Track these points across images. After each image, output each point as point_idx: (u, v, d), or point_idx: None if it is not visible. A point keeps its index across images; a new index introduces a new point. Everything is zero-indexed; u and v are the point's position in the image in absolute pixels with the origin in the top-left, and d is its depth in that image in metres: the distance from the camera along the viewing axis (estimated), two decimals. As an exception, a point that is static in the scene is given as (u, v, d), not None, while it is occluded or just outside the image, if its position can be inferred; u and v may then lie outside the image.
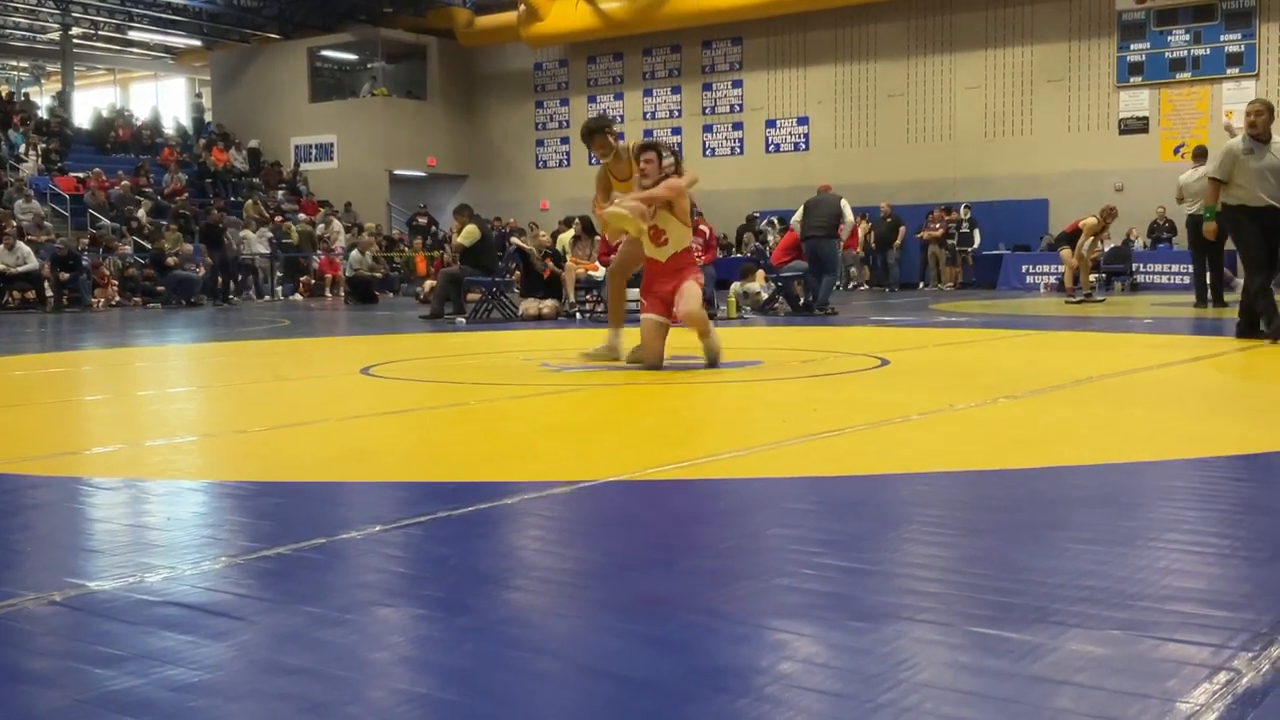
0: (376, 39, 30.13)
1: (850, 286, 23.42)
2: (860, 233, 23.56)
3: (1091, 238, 15.65)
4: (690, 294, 6.92)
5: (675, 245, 6.99)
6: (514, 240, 16.90)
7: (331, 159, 30.16)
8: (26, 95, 33.83)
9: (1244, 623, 2.04)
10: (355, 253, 21.43)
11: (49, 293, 19.40)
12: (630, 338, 7.25)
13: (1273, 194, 8.39)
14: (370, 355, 8.46)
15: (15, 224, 20.15)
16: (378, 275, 22.23)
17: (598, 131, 7.40)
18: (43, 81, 39.48)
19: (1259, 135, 8.51)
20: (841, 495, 3.34)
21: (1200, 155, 14.04)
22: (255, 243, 23.36)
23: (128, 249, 21.88)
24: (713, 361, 7.01)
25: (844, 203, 13.64)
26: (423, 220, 27.81)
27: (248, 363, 8.51)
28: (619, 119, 28.61)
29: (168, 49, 34.79)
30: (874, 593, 2.30)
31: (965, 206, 23.20)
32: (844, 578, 2.39)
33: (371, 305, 19.92)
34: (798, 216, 13.81)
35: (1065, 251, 15.96)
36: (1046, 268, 21.42)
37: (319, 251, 24.77)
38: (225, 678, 1.87)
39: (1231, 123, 14.26)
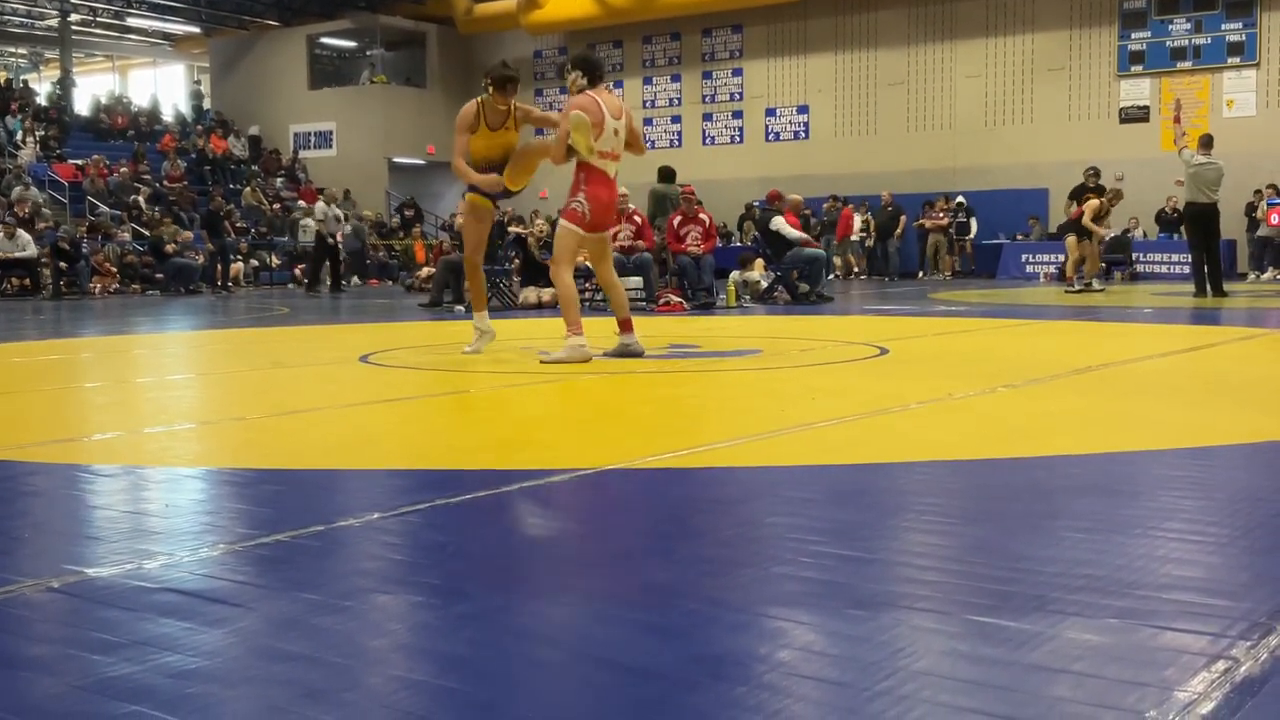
0: (375, 26, 30.07)
1: (853, 274, 23.41)
2: (858, 222, 23.61)
3: (1102, 216, 15.55)
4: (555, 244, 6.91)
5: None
6: (513, 228, 16.88)
7: (331, 146, 30.12)
8: (25, 82, 33.75)
9: (1242, 611, 2.04)
10: (320, 203, 20.50)
11: (46, 280, 19.39)
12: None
13: None
14: (369, 343, 8.45)
15: (22, 212, 20.15)
16: (339, 244, 20.61)
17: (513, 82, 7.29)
18: (41, 68, 39.40)
19: None
20: (840, 484, 3.34)
21: (1207, 144, 13.91)
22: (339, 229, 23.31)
23: (126, 236, 21.85)
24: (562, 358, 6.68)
25: (775, 220, 13.86)
26: (410, 212, 27.78)
27: (246, 350, 8.51)
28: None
29: (166, 35, 34.72)
30: (872, 581, 2.30)
31: (955, 197, 23.15)
32: (842, 566, 2.39)
33: (337, 292, 19.56)
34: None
35: (1071, 239, 15.80)
36: (1046, 257, 21.41)
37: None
38: (223, 664, 1.87)
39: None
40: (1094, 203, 15.40)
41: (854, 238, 23.68)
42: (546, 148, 7.09)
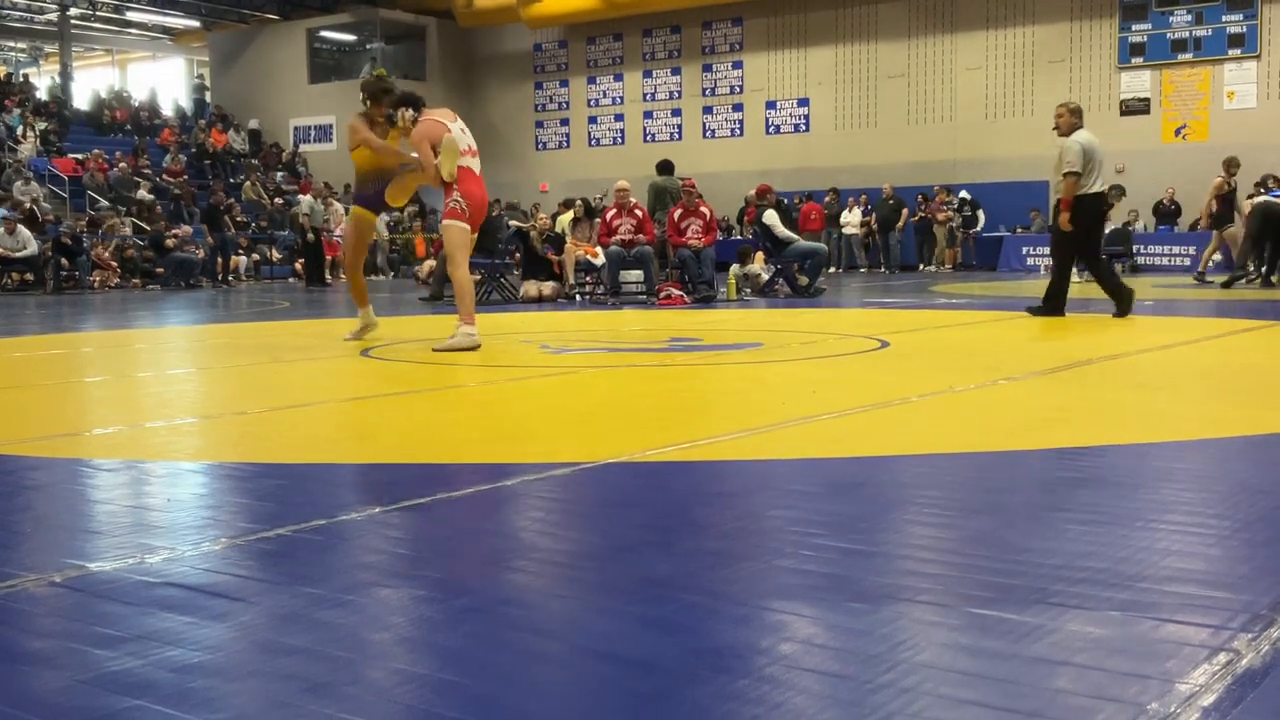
0: (375, 19, 30.03)
1: (842, 268, 23.38)
2: (857, 215, 23.60)
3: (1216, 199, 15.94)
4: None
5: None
6: (513, 222, 16.87)
7: (331, 140, 30.08)
8: (25, 77, 33.71)
9: (1244, 604, 2.04)
10: (307, 198, 20.83)
11: (47, 275, 19.38)
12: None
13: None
14: (370, 337, 8.44)
15: (29, 207, 20.17)
16: (320, 235, 20.87)
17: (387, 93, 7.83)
18: (41, 62, 39.37)
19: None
20: (841, 477, 3.34)
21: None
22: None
23: (127, 230, 21.84)
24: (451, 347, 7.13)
25: (767, 214, 13.94)
26: (413, 207, 27.75)
27: (247, 344, 8.51)
28: (618, 100, 28.54)
29: (166, 29, 34.67)
30: (873, 574, 2.31)
31: (959, 191, 23.10)
32: (844, 559, 2.40)
33: (323, 285, 19.71)
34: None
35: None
36: (1047, 250, 21.36)
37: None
38: (225, 658, 1.88)
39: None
40: (1218, 180, 15.66)
41: (852, 231, 23.65)
42: (424, 173, 7.57)
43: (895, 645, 1.87)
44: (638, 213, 13.52)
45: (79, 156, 25.26)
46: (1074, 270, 9.75)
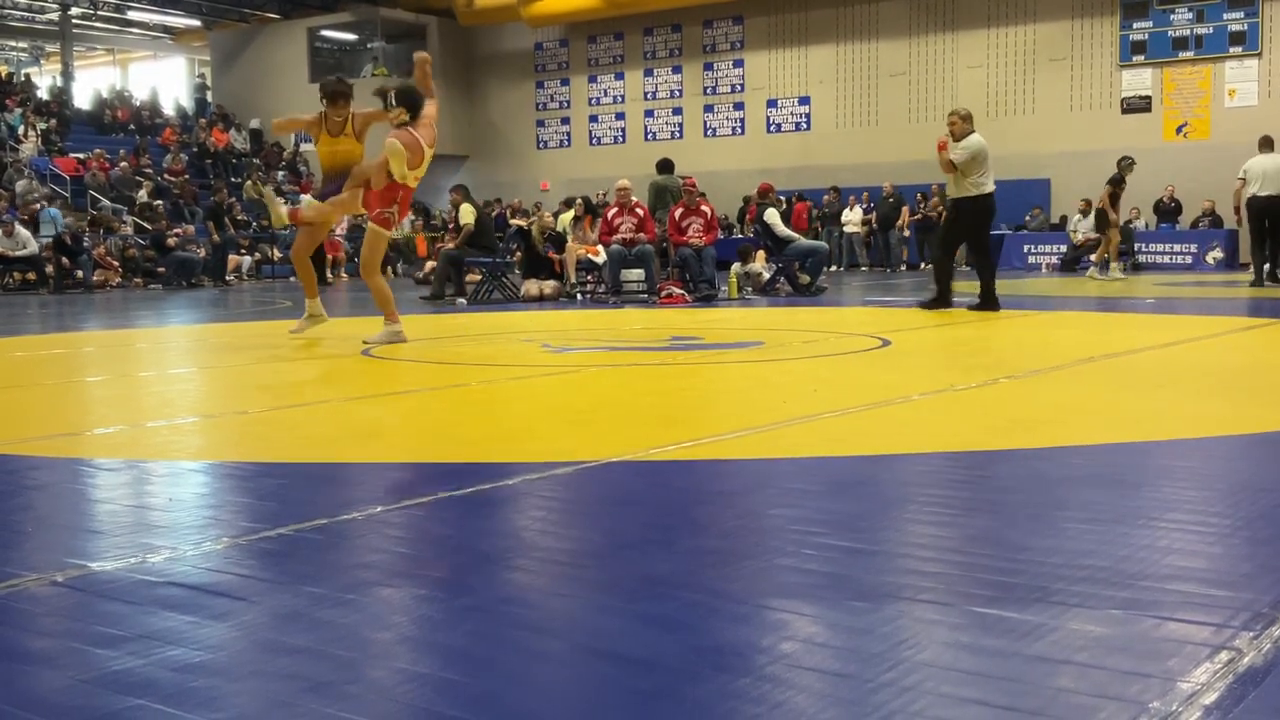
0: (376, 19, 30.01)
1: (843, 266, 23.37)
2: (858, 214, 23.59)
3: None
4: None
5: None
6: (515, 221, 16.86)
7: (331, 139, 30.02)
8: (26, 76, 33.70)
9: (1245, 602, 2.04)
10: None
11: (50, 273, 19.39)
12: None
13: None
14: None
15: (26, 215, 20.18)
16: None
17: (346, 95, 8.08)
18: (42, 62, 39.37)
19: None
20: (842, 475, 3.34)
21: (1267, 144, 14.36)
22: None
23: (128, 230, 21.84)
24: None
25: (768, 213, 13.98)
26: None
27: (248, 343, 8.51)
28: (619, 99, 28.52)
29: (167, 29, 34.67)
30: (875, 573, 2.31)
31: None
32: (845, 558, 2.40)
33: (324, 285, 19.75)
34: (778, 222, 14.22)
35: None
36: (1048, 247, 21.39)
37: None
38: (227, 658, 1.88)
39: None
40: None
41: (853, 229, 23.64)
42: (366, 173, 7.76)
43: (896, 644, 1.87)
44: (639, 211, 13.51)
45: (80, 156, 25.24)
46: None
